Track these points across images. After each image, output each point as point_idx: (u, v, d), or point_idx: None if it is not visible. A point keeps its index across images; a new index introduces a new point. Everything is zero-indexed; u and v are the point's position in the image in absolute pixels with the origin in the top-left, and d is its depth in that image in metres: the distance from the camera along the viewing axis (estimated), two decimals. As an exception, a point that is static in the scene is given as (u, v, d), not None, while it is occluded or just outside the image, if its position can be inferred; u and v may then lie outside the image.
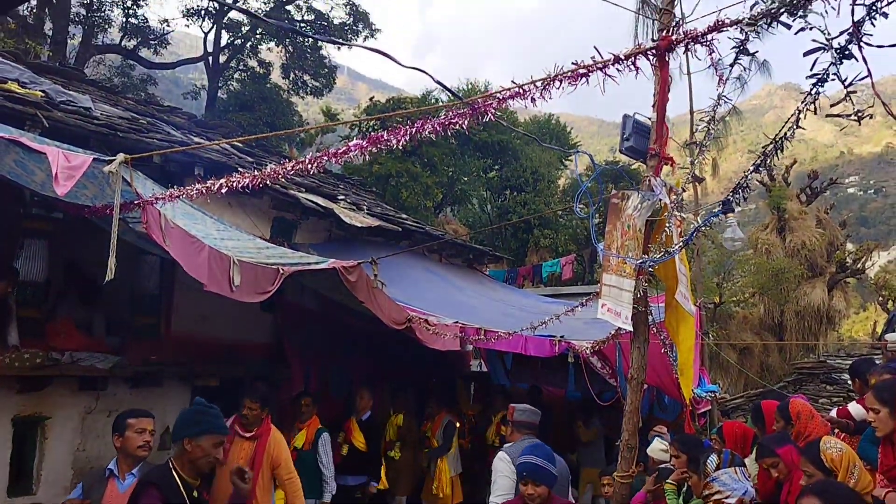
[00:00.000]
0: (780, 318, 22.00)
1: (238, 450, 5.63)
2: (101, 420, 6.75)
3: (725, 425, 6.36)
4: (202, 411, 3.57)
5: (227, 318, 8.23)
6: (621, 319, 4.23)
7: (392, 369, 10.42)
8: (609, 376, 8.28)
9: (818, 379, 14.36)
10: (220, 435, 3.53)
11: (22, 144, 4.27)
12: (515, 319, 8.33)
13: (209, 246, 5.10)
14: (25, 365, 5.78)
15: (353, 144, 3.55)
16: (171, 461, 3.46)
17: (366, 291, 6.63)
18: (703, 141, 3.42)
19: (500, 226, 21.25)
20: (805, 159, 73.17)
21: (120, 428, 4.08)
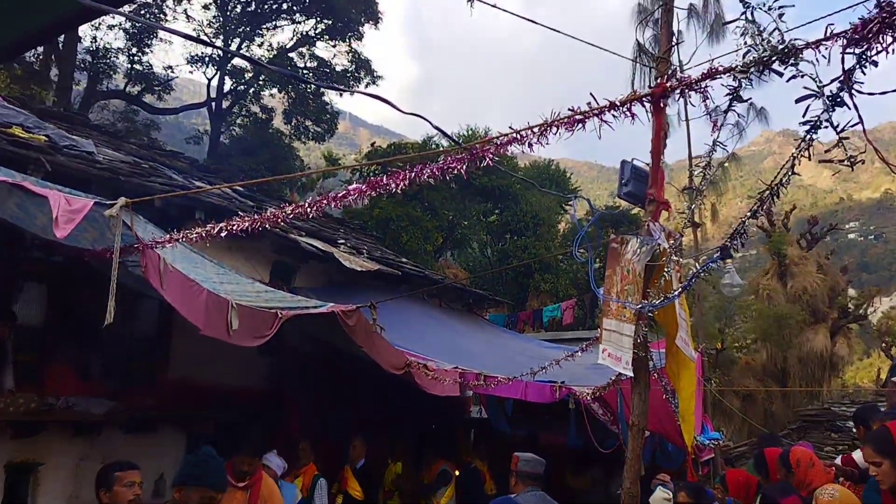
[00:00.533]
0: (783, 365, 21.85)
1: (231, 499, 5.51)
2: (96, 467, 6.61)
3: (729, 473, 6.26)
4: (201, 462, 3.42)
5: (225, 362, 8.17)
6: (622, 365, 4.20)
7: (391, 415, 10.31)
8: (611, 423, 8.18)
9: (823, 426, 14.19)
10: (210, 490, 3.36)
11: (24, 188, 4.29)
12: (516, 365, 8.27)
13: (208, 290, 5.09)
14: (20, 410, 5.73)
15: (352, 188, 3.57)
16: None
17: (364, 336, 6.60)
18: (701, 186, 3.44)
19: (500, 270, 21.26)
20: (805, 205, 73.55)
21: (107, 483, 3.90)
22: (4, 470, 5.99)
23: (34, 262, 6.15)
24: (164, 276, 4.66)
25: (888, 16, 2.00)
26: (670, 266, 4.29)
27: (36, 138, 6.63)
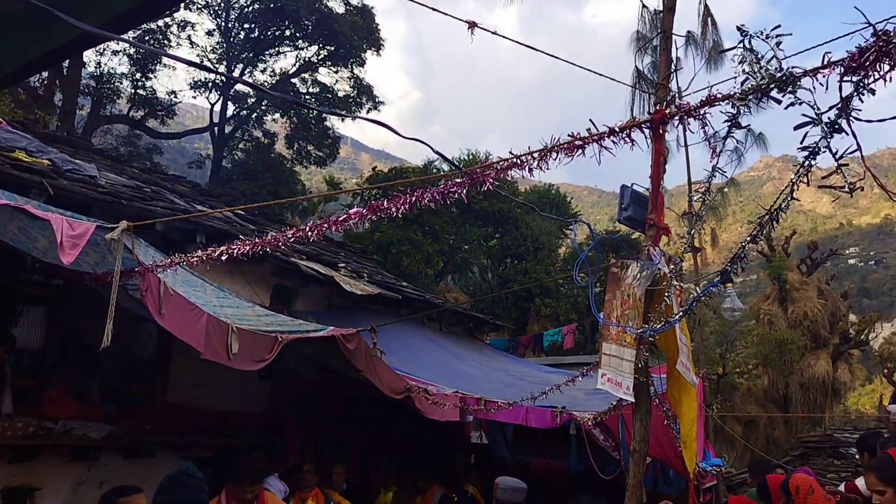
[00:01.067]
0: (785, 391, 21.75)
1: None
2: (93, 491, 6.59)
3: (731, 501, 6.21)
4: (179, 480, 3.38)
5: (224, 386, 8.15)
6: (622, 390, 4.19)
7: (390, 440, 10.25)
8: (612, 449, 8.12)
9: (825, 453, 14.08)
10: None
11: (26, 211, 4.31)
12: (516, 389, 8.24)
13: (208, 313, 5.09)
14: (18, 434, 5.70)
15: (353, 212, 3.58)
16: None
17: (364, 360, 6.58)
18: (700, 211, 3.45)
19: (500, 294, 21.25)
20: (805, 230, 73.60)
21: None
22: (1, 494, 5.94)
23: (34, 285, 6.15)
24: (163, 300, 4.65)
25: (885, 44, 2.02)
26: (671, 291, 4.29)
27: (39, 162, 6.66)
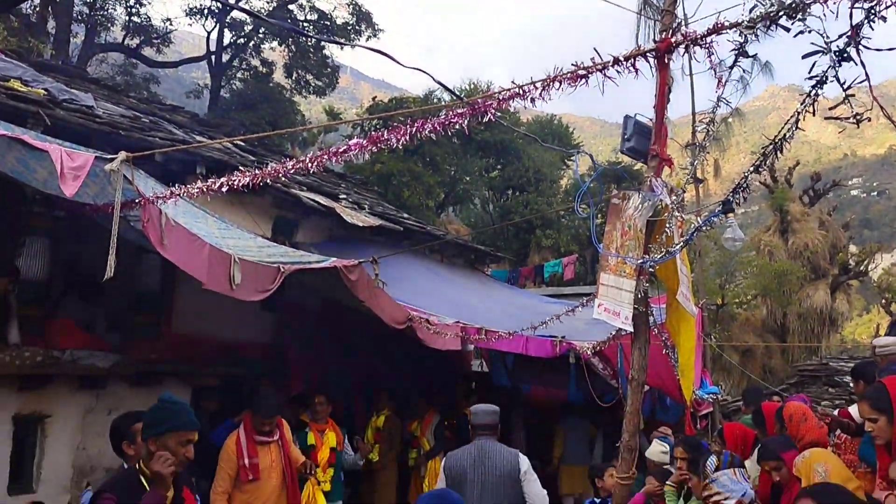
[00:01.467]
0: (783, 321, 21.98)
1: (267, 453, 5.63)
2: (102, 419, 6.75)
3: (726, 427, 6.34)
4: (166, 408, 3.33)
5: (228, 317, 8.23)
6: (620, 319, 4.23)
7: (392, 369, 10.42)
8: (610, 377, 8.27)
9: (820, 381, 14.33)
10: (185, 432, 3.26)
11: (24, 142, 4.27)
12: (517, 319, 8.33)
13: (210, 244, 5.10)
14: (26, 363, 5.79)
15: (353, 143, 3.56)
16: (139, 463, 3.26)
17: (367, 291, 6.63)
18: (704, 142, 3.42)
19: (502, 226, 21.26)
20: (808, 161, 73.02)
21: (129, 435, 3.87)
22: (12, 421, 6.08)
23: (36, 216, 6.15)
24: (165, 231, 4.66)
25: (898, -32, 1.96)
26: (672, 222, 4.29)
27: (35, 92, 6.57)
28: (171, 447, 3.17)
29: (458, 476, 4.86)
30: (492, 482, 4.78)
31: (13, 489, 6.07)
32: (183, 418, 3.29)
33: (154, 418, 3.27)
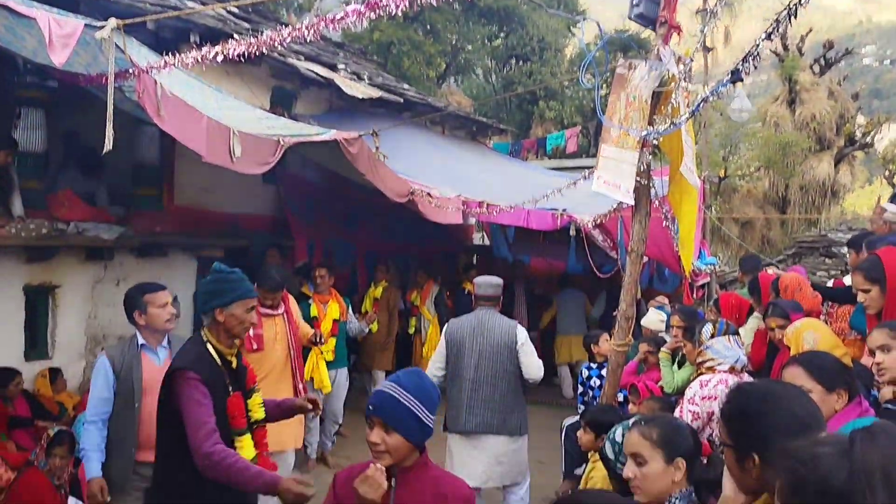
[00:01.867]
0: (785, 193, 21.94)
1: (272, 325, 5.59)
2: (110, 289, 6.90)
3: (722, 297, 6.48)
4: (226, 279, 3.29)
5: (230, 189, 8.24)
6: (621, 192, 4.21)
7: (394, 242, 10.54)
8: (610, 249, 8.37)
9: (818, 252, 14.49)
10: (251, 299, 3.29)
11: (9, 9, 4.11)
12: (518, 192, 8.33)
13: (207, 116, 5.02)
14: (31, 235, 5.84)
15: (351, 9, 3.42)
16: (203, 333, 3.27)
17: (367, 164, 6.60)
18: (715, 8, 3.28)
19: (504, 96, 20.85)
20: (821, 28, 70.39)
21: (140, 304, 3.87)
22: (23, 292, 6.22)
23: (30, 87, 6.03)
24: (161, 102, 4.57)
25: None
26: (678, 92, 4.19)
27: (16, -46, 6.26)
28: (239, 315, 3.21)
29: (458, 343, 5.04)
30: (489, 351, 4.96)
31: (30, 356, 6.30)
32: (246, 286, 3.31)
33: (218, 289, 3.24)
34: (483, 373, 4.94)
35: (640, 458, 2.34)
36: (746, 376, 3.86)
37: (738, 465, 1.81)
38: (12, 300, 6.12)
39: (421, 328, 9.52)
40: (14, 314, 6.14)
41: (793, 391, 1.86)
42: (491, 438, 4.96)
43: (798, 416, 1.75)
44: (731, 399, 1.89)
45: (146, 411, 3.71)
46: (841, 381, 2.52)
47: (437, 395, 2.37)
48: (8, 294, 6.07)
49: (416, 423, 2.26)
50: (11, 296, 6.11)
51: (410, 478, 2.30)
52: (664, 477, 2.32)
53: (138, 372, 3.81)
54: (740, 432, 1.81)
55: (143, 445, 3.74)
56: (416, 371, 2.42)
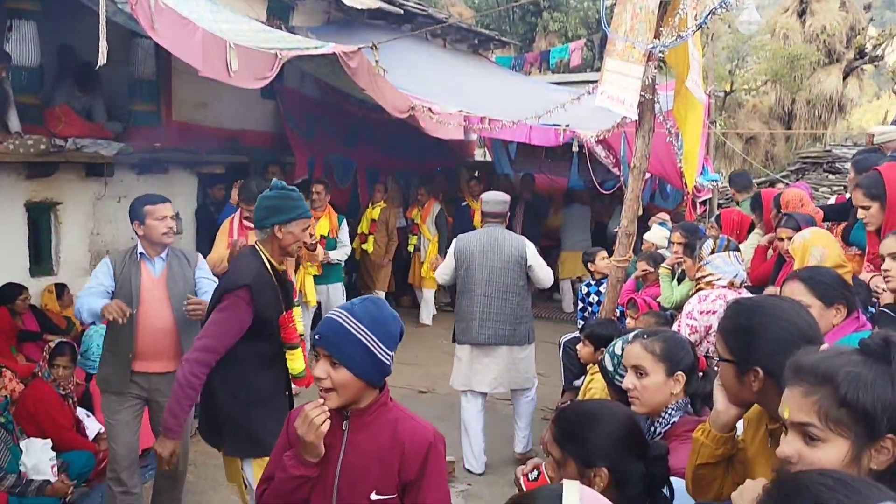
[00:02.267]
0: (791, 107, 21.61)
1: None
2: (112, 206, 6.91)
3: (723, 213, 6.48)
4: (288, 195, 3.31)
5: (229, 105, 8.14)
6: (625, 106, 4.15)
7: (395, 158, 10.47)
8: (613, 165, 8.31)
9: (821, 168, 14.39)
10: (308, 219, 3.36)
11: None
12: (521, 108, 8.20)
13: (203, 29, 4.91)
14: (30, 151, 5.81)
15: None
16: (257, 247, 3.32)
17: (367, 78, 6.48)
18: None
19: (507, 8, 20.28)
20: (837, -66, 67.86)
21: (139, 216, 3.87)
22: (25, 208, 6.23)
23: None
24: (154, 13, 4.46)
25: None
26: (686, 3, 4.07)
27: None
28: (297, 233, 3.28)
29: (468, 259, 5.18)
30: (500, 267, 5.10)
31: (35, 272, 6.37)
32: (305, 205, 3.37)
33: (279, 206, 3.27)
34: (494, 287, 5.10)
35: (641, 371, 2.39)
36: (745, 292, 3.89)
37: (738, 378, 1.83)
38: (14, 217, 6.14)
39: (421, 246, 9.53)
40: (17, 231, 6.17)
41: (790, 304, 1.87)
42: (502, 349, 5.17)
43: (798, 328, 1.77)
44: (729, 313, 1.90)
45: (143, 321, 3.79)
46: (839, 297, 2.55)
47: (398, 329, 2.05)
48: (10, 211, 6.08)
49: (368, 359, 1.96)
50: (13, 212, 6.12)
51: (365, 421, 2.03)
52: (664, 389, 2.37)
53: (136, 279, 3.83)
54: (740, 346, 1.83)
55: (140, 356, 3.83)
56: (374, 300, 2.08)
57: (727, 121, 20.42)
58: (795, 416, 1.39)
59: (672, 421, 2.36)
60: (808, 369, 1.40)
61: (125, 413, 3.90)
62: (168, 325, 3.86)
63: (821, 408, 1.35)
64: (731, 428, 1.92)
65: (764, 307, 1.85)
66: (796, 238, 3.51)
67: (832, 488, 1.01)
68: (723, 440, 1.91)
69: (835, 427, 1.34)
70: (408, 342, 8.39)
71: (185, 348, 3.75)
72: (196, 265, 4.06)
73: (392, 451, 2.01)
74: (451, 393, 6.89)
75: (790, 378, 1.43)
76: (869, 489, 1.01)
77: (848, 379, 1.34)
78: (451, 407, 6.59)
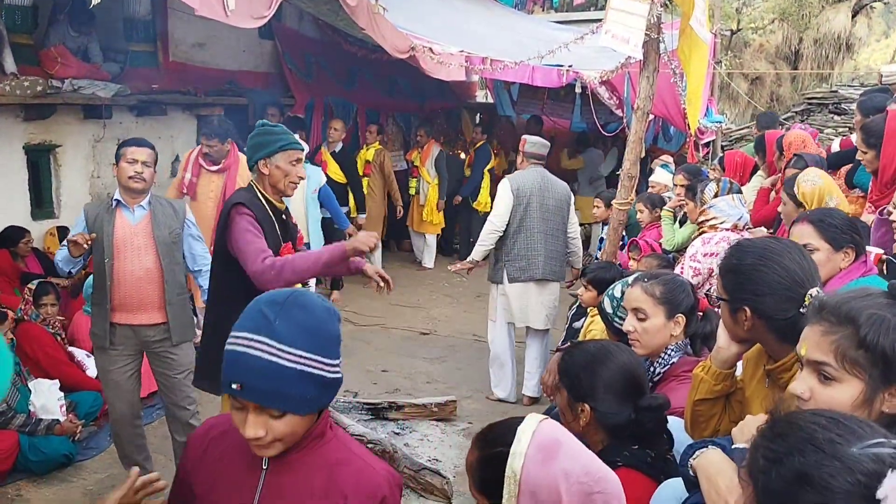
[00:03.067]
0: (798, 47, 21.25)
1: (207, 183, 5.73)
2: (111, 148, 6.84)
3: (727, 154, 6.45)
4: (269, 131, 3.23)
5: (226, 46, 8.02)
6: (630, 46, 4.09)
7: (395, 100, 10.35)
8: (616, 107, 8.22)
9: (827, 109, 14.21)
10: (295, 150, 3.23)
11: None
12: (523, 48, 8.08)
13: (198, -34, 4.78)
14: (27, 93, 5.73)
15: None
16: (252, 184, 3.24)
17: (367, 17, 6.35)
18: None
19: (510, -56, 19.76)
20: None
21: (116, 157, 3.77)
22: (24, 151, 6.19)
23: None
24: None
25: None
26: (693, -62, 3.97)
27: None
28: (284, 167, 3.17)
29: (527, 197, 5.29)
30: (553, 205, 5.34)
31: (37, 215, 6.37)
32: (288, 138, 3.24)
33: (260, 142, 3.20)
34: (550, 225, 5.34)
35: (641, 314, 2.41)
36: (748, 234, 3.89)
37: (731, 317, 1.87)
38: (14, 160, 6.10)
39: (420, 190, 9.37)
40: (17, 174, 6.14)
41: (784, 247, 1.87)
42: (554, 284, 5.46)
43: (791, 271, 1.79)
44: (728, 254, 1.92)
45: (119, 271, 3.68)
46: (849, 240, 2.55)
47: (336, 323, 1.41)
48: (9, 154, 6.04)
49: (315, 387, 1.34)
50: (12, 156, 6.08)
51: (290, 459, 1.43)
52: (663, 331, 2.40)
53: (109, 227, 3.69)
54: (732, 286, 1.86)
55: (118, 307, 3.71)
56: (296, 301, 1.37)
57: (732, 61, 20.11)
58: (812, 353, 1.41)
59: (671, 361, 2.40)
60: (832, 309, 1.41)
61: (116, 373, 3.79)
62: (150, 274, 3.73)
63: (839, 347, 1.36)
64: (732, 365, 1.96)
65: (757, 249, 1.86)
66: (806, 182, 3.44)
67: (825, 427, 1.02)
68: (722, 376, 1.95)
69: (850, 368, 1.35)
70: (409, 285, 8.56)
71: (168, 299, 3.72)
72: (185, 216, 3.92)
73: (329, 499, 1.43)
74: (451, 335, 7.00)
75: (812, 316, 1.45)
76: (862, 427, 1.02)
77: (871, 321, 1.34)
78: (451, 348, 6.69)
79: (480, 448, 1.51)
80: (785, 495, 1.01)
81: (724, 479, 1.49)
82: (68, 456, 4.26)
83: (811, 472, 0.98)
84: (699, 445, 1.66)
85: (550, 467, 1.37)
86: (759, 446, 1.09)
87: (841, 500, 0.95)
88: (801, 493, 0.99)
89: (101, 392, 4.75)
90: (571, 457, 1.40)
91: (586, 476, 1.37)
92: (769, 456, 1.05)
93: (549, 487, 1.35)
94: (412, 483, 4.09)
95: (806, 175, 3.49)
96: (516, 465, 1.37)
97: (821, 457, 0.99)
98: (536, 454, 1.38)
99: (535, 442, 1.39)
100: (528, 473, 1.36)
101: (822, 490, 0.96)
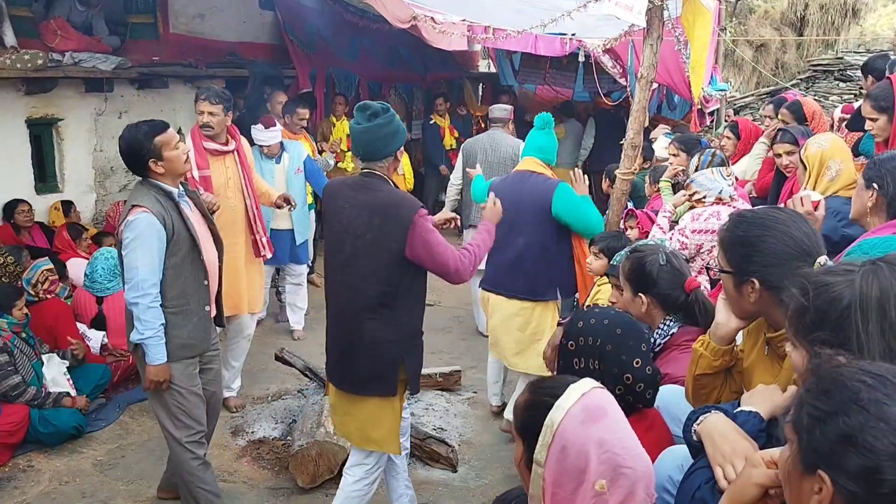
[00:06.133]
0: (804, 13, 21.00)
1: (222, 171, 4.57)
2: (113, 121, 6.85)
3: (741, 122, 6.39)
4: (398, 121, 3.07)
5: (227, 17, 7.97)
6: (633, 13, 4.07)
7: (397, 70, 10.29)
8: (620, 76, 8.16)
9: (832, 76, 14.09)
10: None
11: None
12: (525, 17, 8.00)
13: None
14: (27, 66, 5.70)
15: None
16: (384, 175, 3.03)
17: (368, -13, 6.30)
18: None
19: None
20: None
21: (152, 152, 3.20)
22: (26, 125, 6.18)
23: None
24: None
25: None
26: None
27: None
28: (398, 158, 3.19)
29: (474, 156, 5.86)
30: (497, 163, 5.78)
31: (41, 189, 6.38)
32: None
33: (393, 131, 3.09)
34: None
35: (618, 286, 2.66)
36: (741, 204, 3.84)
37: (737, 290, 1.86)
38: (16, 135, 6.09)
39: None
40: (20, 148, 6.14)
41: (789, 216, 1.86)
42: None
43: (798, 240, 1.78)
44: (730, 226, 1.91)
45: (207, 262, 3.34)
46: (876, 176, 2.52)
47: None
48: (11, 128, 6.02)
49: None
50: (14, 130, 6.07)
51: None
52: (633, 306, 2.56)
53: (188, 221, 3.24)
54: (737, 258, 1.85)
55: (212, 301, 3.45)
56: None
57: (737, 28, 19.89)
58: None
59: (671, 332, 2.43)
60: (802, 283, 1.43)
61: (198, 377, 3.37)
62: (217, 261, 3.47)
63: None
64: (730, 341, 1.96)
65: (762, 219, 1.85)
66: (814, 147, 3.39)
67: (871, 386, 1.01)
68: (721, 352, 1.96)
69: None
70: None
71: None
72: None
73: None
74: (456, 306, 7.03)
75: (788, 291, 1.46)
76: None
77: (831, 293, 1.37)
78: (455, 319, 6.73)
79: (531, 392, 1.55)
80: (830, 456, 1.00)
81: (728, 443, 1.51)
82: (78, 428, 4.32)
83: (855, 433, 0.97)
84: (702, 411, 1.68)
85: (588, 430, 1.40)
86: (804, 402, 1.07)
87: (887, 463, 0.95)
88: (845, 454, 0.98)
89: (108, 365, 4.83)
90: (612, 429, 1.43)
91: (622, 450, 1.40)
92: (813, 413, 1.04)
93: (580, 448, 1.39)
94: (418, 451, 4.15)
95: (817, 138, 3.45)
96: (556, 416, 1.41)
97: (866, 417, 0.97)
98: (579, 413, 1.41)
99: (581, 402, 1.43)
100: (565, 428, 1.40)
101: (867, 452, 0.96)
